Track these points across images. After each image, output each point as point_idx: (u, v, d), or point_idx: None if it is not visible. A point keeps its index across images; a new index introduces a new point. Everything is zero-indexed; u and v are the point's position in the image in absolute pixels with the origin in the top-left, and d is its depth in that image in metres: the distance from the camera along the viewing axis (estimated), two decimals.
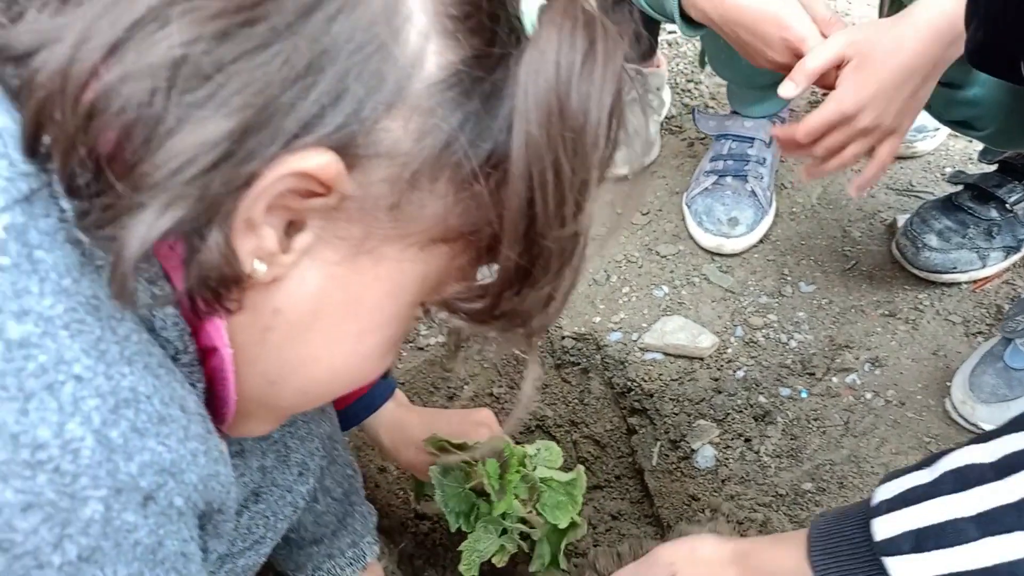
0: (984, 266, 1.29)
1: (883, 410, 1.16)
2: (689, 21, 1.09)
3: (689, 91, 1.78)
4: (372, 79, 0.42)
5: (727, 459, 1.13)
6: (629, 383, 1.23)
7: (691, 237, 1.41)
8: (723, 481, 1.11)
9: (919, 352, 1.22)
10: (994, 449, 0.65)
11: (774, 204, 1.45)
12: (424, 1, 0.44)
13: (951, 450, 0.69)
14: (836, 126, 0.98)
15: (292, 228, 0.44)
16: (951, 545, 0.64)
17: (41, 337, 0.38)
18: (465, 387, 1.27)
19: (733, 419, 1.17)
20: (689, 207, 1.42)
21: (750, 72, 1.29)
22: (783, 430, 1.15)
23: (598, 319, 1.32)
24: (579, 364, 1.28)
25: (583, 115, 0.44)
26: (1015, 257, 1.30)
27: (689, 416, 1.18)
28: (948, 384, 1.16)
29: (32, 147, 0.40)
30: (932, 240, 1.28)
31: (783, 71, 1.00)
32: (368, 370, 0.53)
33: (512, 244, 0.46)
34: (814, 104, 1.70)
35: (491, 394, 1.25)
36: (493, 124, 0.45)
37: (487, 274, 0.51)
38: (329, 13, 0.41)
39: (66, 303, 0.39)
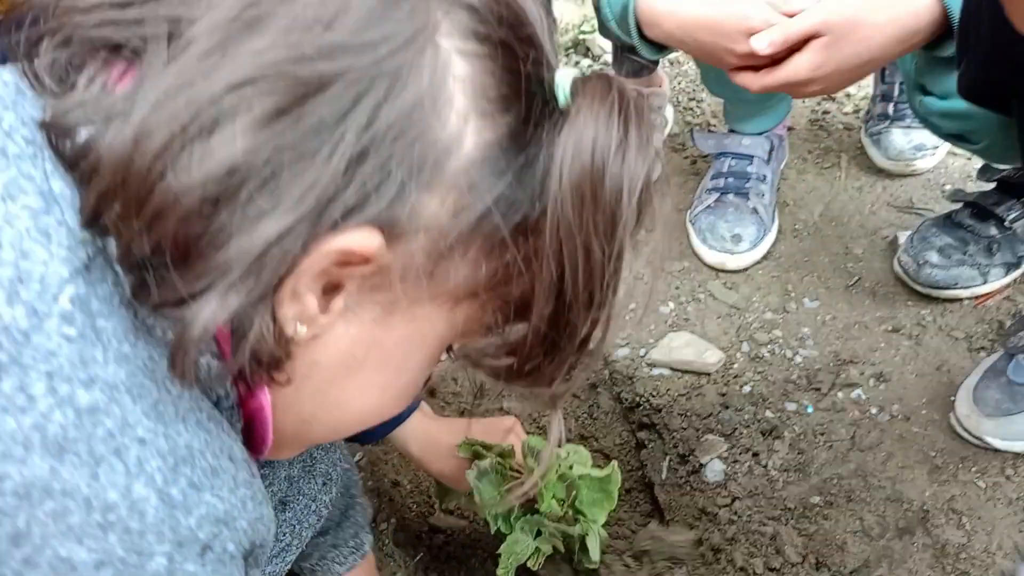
0: (985, 282, 1.31)
1: (888, 425, 1.18)
2: (652, 43, 1.10)
3: (691, 109, 1.81)
4: (414, 162, 0.44)
5: (735, 473, 1.14)
6: (637, 398, 1.25)
7: (695, 254, 1.43)
8: (732, 495, 1.12)
9: (923, 367, 1.24)
10: None
11: (776, 221, 1.47)
12: (464, 84, 0.45)
13: None
14: (785, 85, 1.00)
15: (330, 290, 0.46)
16: None
17: (107, 404, 0.41)
18: (475, 400, 1.28)
19: (740, 434, 1.18)
20: (693, 224, 1.44)
21: (740, 87, 1.32)
22: (790, 444, 1.17)
23: None
24: (588, 379, 1.29)
25: (615, 199, 0.46)
26: (1016, 273, 1.32)
27: (697, 431, 1.20)
28: (952, 399, 1.18)
29: (91, 221, 0.42)
30: (933, 257, 1.30)
31: (751, 61, 1.01)
32: (395, 408, 0.56)
33: (541, 314, 0.48)
34: (814, 122, 1.73)
35: (501, 408, 1.27)
36: (525, 195, 0.47)
37: (518, 331, 0.52)
38: (376, 100, 0.42)
39: (127, 368, 0.42)
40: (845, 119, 1.71)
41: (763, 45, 0.96)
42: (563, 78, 0.48)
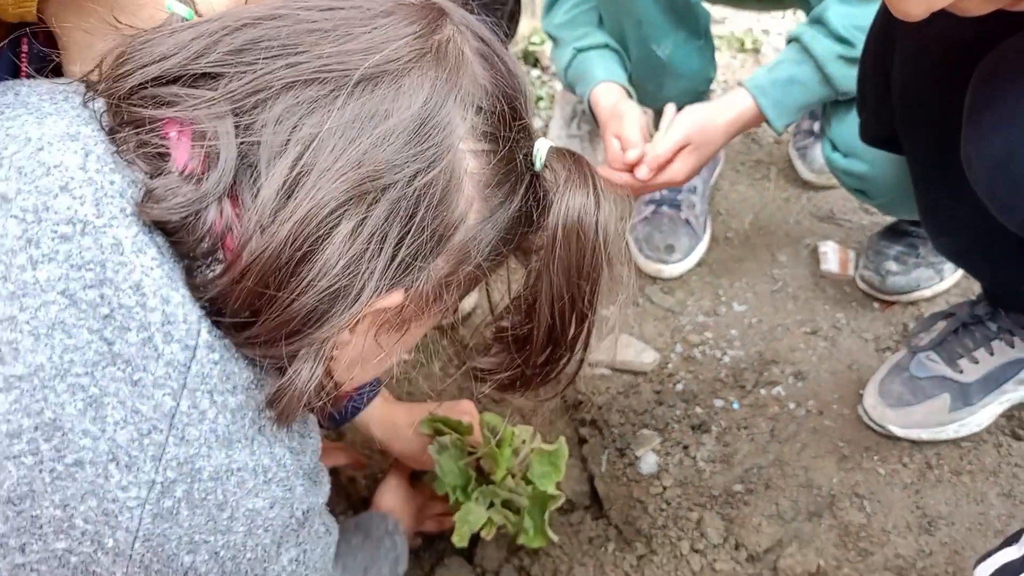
0: (941, 279, 1.43)
1: (804, 419, 1.30)
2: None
3: None
4: (431, 239, 0.58)
5: (667, 465, 1.26)
6: (580, 396, 1.36)
7: (634, 263, 1.55)
8: (664, 485, 1.24)
9: (836, 366, 1.37)
10: None
11: (709, 230, 1.59)
12: (472, 177, 0.60)
13: None
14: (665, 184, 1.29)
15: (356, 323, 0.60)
16: None
17: (247, 400, 0.58)
18: (428, 399, 1.38)
19: (673, 428, 1.30)
20: (631, 234, 1.55)
21: (657, 98, 1.51)
22: (717, 438, 1.29)
23: None
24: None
25: (598, 245, 0.61)
26: None
27: (634, 426, 1.31)
28: (861, 393, 1.31)
29: (191, 272, 0.57)
30: (892, 266, 1.42)
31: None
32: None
33: (538, 353, 0.65)
34: (747, 135, 1.85)
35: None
36: (508, 238, 0.63)
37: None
38: (412, 204, 0.57)
39: (249, 369, 0.59)
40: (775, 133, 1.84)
41: (644, 174, 1.25)
42: (541, 147, 0.64)
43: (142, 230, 0.54)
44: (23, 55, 0.79)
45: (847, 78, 1.22)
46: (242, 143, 0.54)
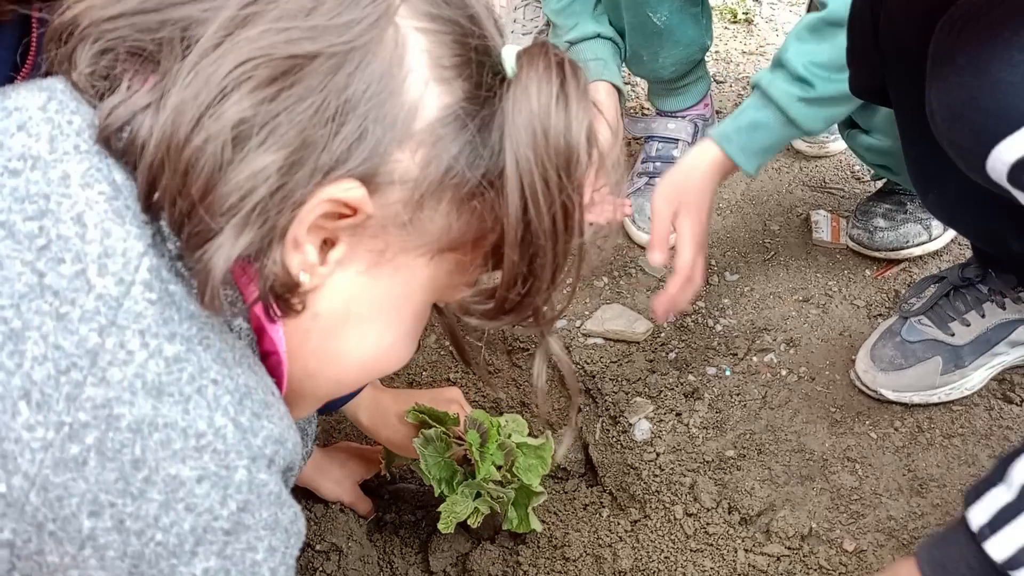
0: (930, 237, 1.44)
1: (796, 385, 1.31)
2: None
3: (626, 93, 1.91)
4: (386, 120, 0.54)
5: (660, 431, 1.27)
6: (573, 365, 1.36)
7: (627, 233, 1.55)
8: (657, 451, 1.24)
9: (828, 333, 1.38)
10: None
11: None
12: (422, 54, 0.56)
13: (1009, 461, 0.81)
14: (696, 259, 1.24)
15: (327, 245, 0.56)
16: None
17: (187, 353, 0.51)
18: (424, 373, 1.38)
19: (666, 396, 1.30)
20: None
21: (652, 67, 1.49)
22: (709, 405, 1.29)
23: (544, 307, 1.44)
24: (528, 350, 1.40)
25: (563, 137, 0.55)
26: None
27: (627, 394, 1.31)
28: (853, 359, 1.31)
29: (148, 202, 0.52)
30: (880, 222, 1.43)
31: None
32: (392, 360, 0.65)
33: (512, 249, 0.57)
34: (739, 105, 1.85)
35: (448, 379, 1.37)
36: (485, 151, 0.57)
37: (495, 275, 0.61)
38: (349, 71, 0.53)
39: (196, 324, 0.52)
40: None
41: (658, 262, 1.25)
42: (508, 52, 0.59)
43: (96, 166, 0.52)
44: (34, 28, 0.78)
45: (809, 118, 1.22)
46: (183, 39, 0.52)
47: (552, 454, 1.07)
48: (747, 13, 2.13)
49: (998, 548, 0.79)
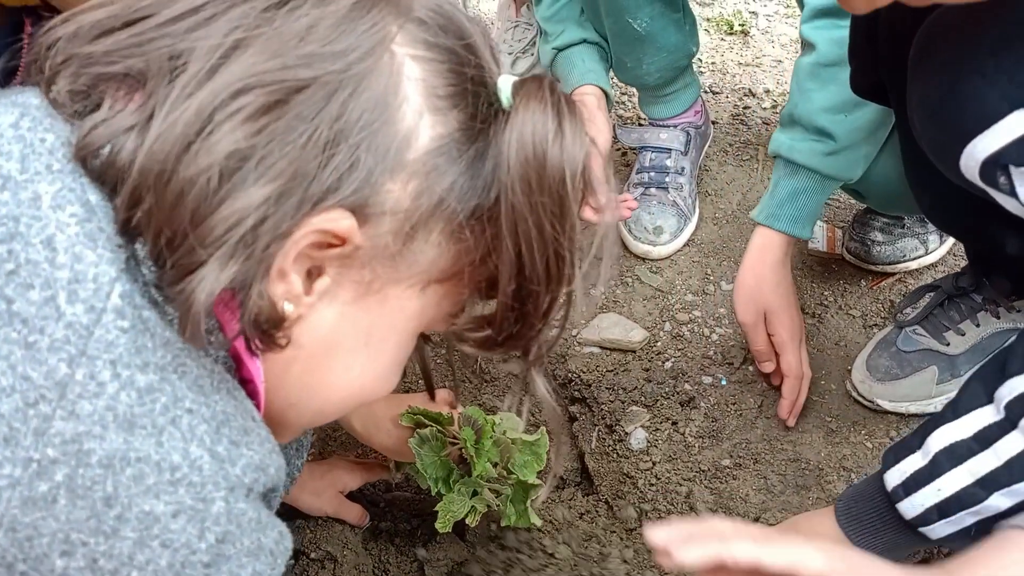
0: (927, 251, 1.44)
1: None
2: None
3: (623, 103, 1.92)
4: (378, 150, 0.53)
5: (656, 440, 1.27)
6: (570, 374, 1.36)
7: (623, 243, 1.55)
8: (653, 460, 1.24)
9: (823, 343, 1.38)
10: (967, 426, 0.83)
11: (697, 210, 1.59)
12: (417, 84, 0.54)
13: (928, 430, 0.86)
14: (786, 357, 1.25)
15: (313, 273, 0.54)
16: (969, 507, 0.82)
17: (160, 382, 0.49)
18: (419, 381, 1.38)
19: (662, 405, 1.31)
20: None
21: (637, 74, 1.50)
22: (705, 414, 1.29)
23: None
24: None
25: (559, 180, 0.54)
26: (950, 240, 1.45)
27: (623, 403, 1.31)
28: (848, 369, 1.31)
29: (125, 225, 0.50)
30: (877, 236, 1.43)
31: None
32: (377, 391, 0.63)
33: (506, 291, 0.57)
34: (735, 116, 1.86)
35: (443, 385, 1.37)
36: (479, 182, 0.56)
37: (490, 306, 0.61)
38: (343, 99, 0.51)
39: (171, 351, 0.50)
40: (764, 114, 1.84)
41: (768, 368, 1.28)
42: (504, 82, 0.58)
43: (68, 186, 0.49)
44: (26, 37, 0.78)
45: (845, 168, 1.20)
46: (171, 61, 0.51)
47: (547, 450, 1.07)
48: (743, 25, 2.14)
49: (909, 508, 0.87)
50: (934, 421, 0.87)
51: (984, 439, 0.82)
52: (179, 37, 0.51)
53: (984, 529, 0.83)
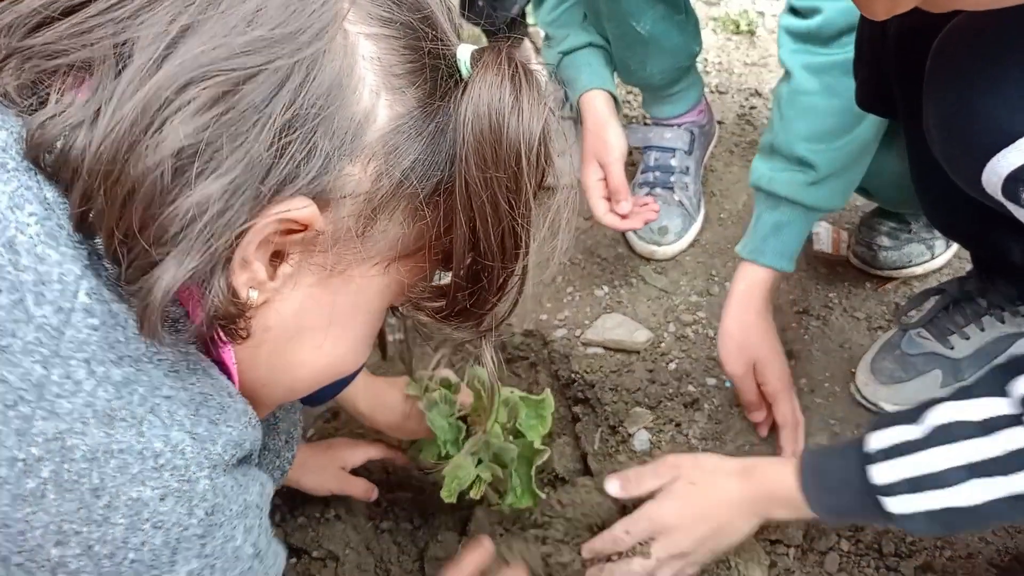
0: (932, 256, 1.43)
1: (796, 396, 1.31)
2: None
3: (629, 102, 1.91)
4: (335, 135, 0.51)
5: (660, 442, 1.26)
6: (573, 375, 1.36)
7: (628, 243, 1.55)
8: None
9: (828, 345, 1.38)
10: (975, 410, 0.82)
11: (702, 211, 1.59)
12: (373, 63, 0.53)
13: (930, 406, 0.85)
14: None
15: (276, 259, 0.54)
16: (943, 486, 0.81)
17: (136, 374, 0.50)
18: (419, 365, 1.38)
19: (665, 406, 1.30)
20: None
21: (641, 76, 1.51)
22: (709, 415, 1.29)
23: (544, 317, 1.45)
24: (527, 358, 1.40)
25: (514, 155, 0.54)
26: (955, 246, 1.45)
27: (627, 404, 1.31)
28: (852, 371, 1.31)
29: (81, 221, 0.50)
30: (884, 241, 1.43)
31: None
32: (346, 366, 0.64)
33: (460, 263, 0.57)
34: (741, 116, 1.85)
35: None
36: (440, 158, 0.55)
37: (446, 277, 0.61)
38: (295, 85, 0.50)
39: (144, 342, 0.51)
40: (770, 114, 1.84)
41: (759, 418, 1.26)
42: (463, 52, 0.56)
43: (25, 184, 0.49)
44: None
45: (827, 199, 1.17)
46: (115, 49, 0.49)
47: (552, 412, 1.07)
48: (750, 24, 2.13)
49: (882, 473, 0.85)
50: (933, 401, 0.86)
51: (989, 426, 0.81)
52: (122, 24, 0.50)
53: (941, 521, 0.82)
